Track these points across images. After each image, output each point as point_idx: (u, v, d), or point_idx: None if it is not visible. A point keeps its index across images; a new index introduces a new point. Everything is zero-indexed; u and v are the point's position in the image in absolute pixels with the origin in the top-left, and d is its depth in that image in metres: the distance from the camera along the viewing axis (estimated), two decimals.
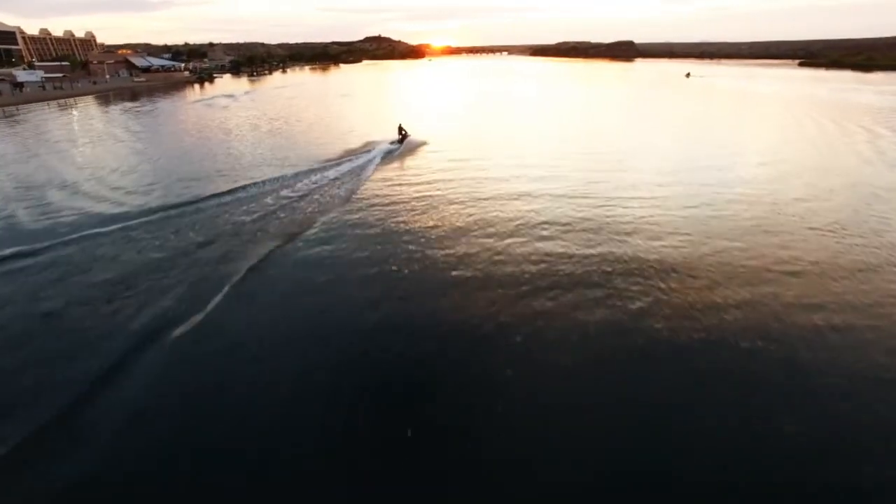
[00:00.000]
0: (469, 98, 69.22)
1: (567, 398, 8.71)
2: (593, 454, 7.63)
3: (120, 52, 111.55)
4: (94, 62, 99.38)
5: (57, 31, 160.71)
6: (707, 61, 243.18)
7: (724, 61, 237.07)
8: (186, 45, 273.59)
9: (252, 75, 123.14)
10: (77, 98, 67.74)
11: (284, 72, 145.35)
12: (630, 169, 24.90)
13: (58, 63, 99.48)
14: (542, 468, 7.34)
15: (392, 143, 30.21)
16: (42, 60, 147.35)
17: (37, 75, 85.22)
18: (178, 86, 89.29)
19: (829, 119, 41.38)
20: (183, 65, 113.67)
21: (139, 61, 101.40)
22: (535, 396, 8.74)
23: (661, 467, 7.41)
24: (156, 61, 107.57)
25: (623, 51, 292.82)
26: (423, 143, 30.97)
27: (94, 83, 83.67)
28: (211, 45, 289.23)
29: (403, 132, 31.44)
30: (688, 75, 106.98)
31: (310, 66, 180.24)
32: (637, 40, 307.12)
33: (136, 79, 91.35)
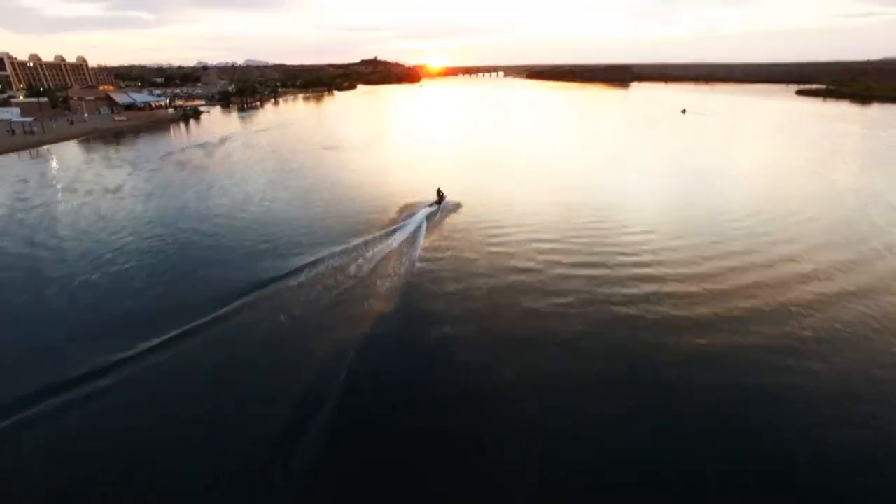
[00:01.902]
0: (477, 142, 67.91)
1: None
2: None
3: (102, 87, 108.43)
4: (75, 98, 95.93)
5: (51, 49, 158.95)
6: (702, 85, 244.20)
7: (718, 86, 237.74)
8: (180, 69, 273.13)
9: (242, 108, 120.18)
10: (52, 145, 63.65)
11: (276, 103, 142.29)
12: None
13: (36, 100, 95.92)
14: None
15: (431, 205, 32.53)
16: (31, 87, 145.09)
17: (12, 114, 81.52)
18: (161, 124, 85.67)
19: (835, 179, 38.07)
20: (166, 101, 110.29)
21: (121, 98, 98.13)
22: None
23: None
24: (138, 97, 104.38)
25: (619, 74, 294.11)
26: (459, 205, 33.24)
27: (72, 123, 79.99)
28: (205, 68, 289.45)
29: (441, 195, 33.49)
30: (683, 111, 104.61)
31: (303, 95, 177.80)
32: (632, 59, 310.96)
33: (116, 117, 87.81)
